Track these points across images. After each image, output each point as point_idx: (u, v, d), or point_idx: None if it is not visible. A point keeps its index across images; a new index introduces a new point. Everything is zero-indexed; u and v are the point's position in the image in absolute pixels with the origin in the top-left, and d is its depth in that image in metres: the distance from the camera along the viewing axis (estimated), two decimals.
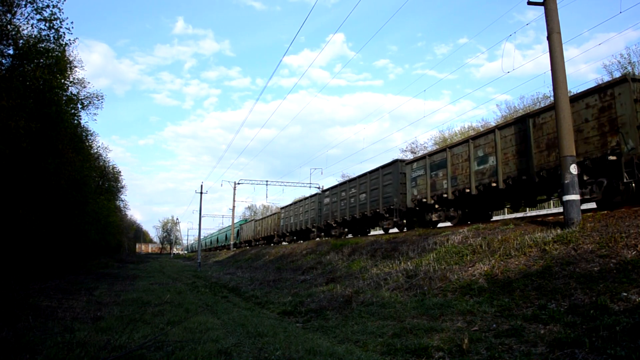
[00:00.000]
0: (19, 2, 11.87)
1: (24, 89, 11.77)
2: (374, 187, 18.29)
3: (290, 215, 29.76)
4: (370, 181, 18.64)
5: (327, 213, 23.13)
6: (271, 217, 35.52)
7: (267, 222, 36.03)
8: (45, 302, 8.75)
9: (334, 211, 22.29)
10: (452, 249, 9.83)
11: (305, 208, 26.86)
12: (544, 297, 6.00)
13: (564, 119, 8.74)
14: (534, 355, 4.36)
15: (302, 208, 27.42)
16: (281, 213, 32.07)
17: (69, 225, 17.60)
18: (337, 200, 22.09)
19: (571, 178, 8.50)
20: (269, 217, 36.40)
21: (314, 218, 25.02)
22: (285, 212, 31.17)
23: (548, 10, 9.22)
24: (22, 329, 5.97)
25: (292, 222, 29.12)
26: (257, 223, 39.82)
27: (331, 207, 22.75)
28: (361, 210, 19.17)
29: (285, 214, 31.10)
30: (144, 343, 5.05)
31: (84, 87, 20.41)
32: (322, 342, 5.77)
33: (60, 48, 13.38)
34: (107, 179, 34.85)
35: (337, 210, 21.94)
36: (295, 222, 28.45)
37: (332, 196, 22.90)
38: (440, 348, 5.00)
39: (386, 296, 8.20)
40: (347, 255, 14.38)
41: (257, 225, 39.50)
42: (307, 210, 26.56)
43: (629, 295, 5.13)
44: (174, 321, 7.01)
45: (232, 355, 4.96)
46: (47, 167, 13.10)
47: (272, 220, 34.73)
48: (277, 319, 8.57)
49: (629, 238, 6.63)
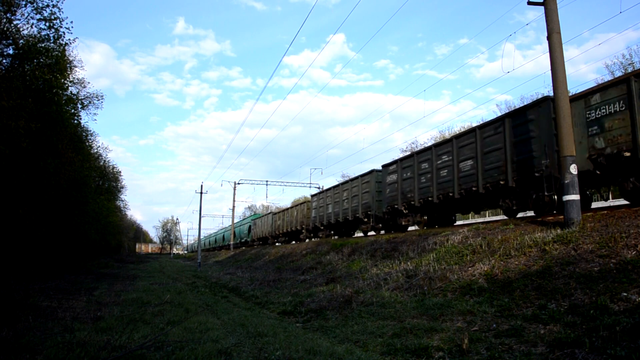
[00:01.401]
0: (19, 2, 11.87)
1: (24, 88, 11.77)
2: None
3: (329, 203, 23.30)
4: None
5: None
6: (297, 207, 29.25)
7: (292, 214, 30.04)
8: (45, 302, 8.75)
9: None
10: (452, 249, 9.83)
11: (355, 191, 20.38)
12: (544, 297, 6.00)
13: (564, 118, 8.74)
14: (534, 355, 4.36)
15: (347, 192, 21.17)
16: (312, 202, 25.95)
17: (68, 225, 17.60)
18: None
19: (571, 178, 8.50)
20: (293, 208, 30.19)
21: (368, 203, 19.20)
22: (319, 200, 24.68)
23: (548, 10, 9.22)
24: (22, 329, 5.96)
25: (331, 211, 22.84)
26: (276, 216, 33.92)
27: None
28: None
29: (319, 202, 24.64)
30: (144, 343, 5.05)
31: (84, 87, 20.41)
32: (322, 342, 5.77)
33: (60, 48, 13.37)
34: (107, 179, 34.87)
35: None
36: (337, 212, 22.13)
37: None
38: (440, 348, 5.00)
39: (386, 296, 8.20)
40: (347, 255, 14.38)
41: (276, 219, 33.75)
42: (355, 195, 20.35)
43: (629, 295, 5.13)
44: (174, 321, 7.01)
45: (232, 355, 4.95)
46: (47, 167, 13.09)
47: (299, 212, 28.59)
48: (277, 319, 8.57)
49: (629, 238, 6.63)
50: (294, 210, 30.04)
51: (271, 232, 34.54)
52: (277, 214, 34.03)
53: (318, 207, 24.85)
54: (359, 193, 19.74)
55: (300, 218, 28.18)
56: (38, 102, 12.56)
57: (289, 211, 30.91)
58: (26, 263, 14.77)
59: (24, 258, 14.61)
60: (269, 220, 35.68)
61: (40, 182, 13.26)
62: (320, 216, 24.21)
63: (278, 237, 33.35)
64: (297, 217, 28.66)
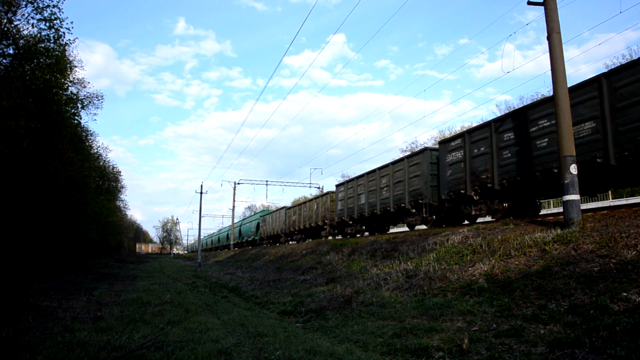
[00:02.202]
0: (19, 2, 11.88)
1: (24, 88, 11.78)
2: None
3: (361, 193, 19.34)
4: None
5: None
6: (318, 200, 25.14)
7: (311, 208, 26.01)
8: (45, 302, 8.75)
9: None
10: (452, 249, 9.82)
11: (399, 176, 16.27)
12: (544, 297, 6.00)
13: (564, 119, 8.74)
14: (534, 355, 4.36)
15: (388, 178, 17.02)
16: (338, 192, 22.07)
17: (68, 225, 17.60)
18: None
19: (571, 178, 8.50)
20: (313, 201, 26.00)
21: (418, 190, 15.10)
22: (348, 190, 20.81)
23: (548, 10, 9.22)
24: (22, 329, 5.96)
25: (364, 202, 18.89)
26: (291, 211, 30.08)
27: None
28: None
29: (348, 192, 20.75)
30: (144, 343, 5.05)
31: (84, 87, 20.47)
32: (322, 342, 5.77)
33: (60, 48, 13.40)
34: (107, 179, 34.90)
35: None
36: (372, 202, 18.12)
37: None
38: (440, 348, 5.00)
39: (386, 296, 8.19)
40: (347, 255, 14.38)
41: (290, 215, 29.89)
42: (399, 181, 16.22)
43: (629, 295, 5.13)
44: (174, 321, 7.01)
45: (232, 355, 4.95)
46: (47, 167, 13.10)
47: (320, 205, 24.60)
48: (277, 319, 8.57)
49: (629, 238, 6.63)
50: (313, 203, 25.75)
51: (284, 229, 30.76)
52: (291, 209, 30.13)
53: (346, 197, 20.80)
54: (404, 178, 15.84)
55: (322, 212, 24.09)
56: (38, 102, 12.57)
57: (308, 204, 26.62)
58: (26, 263, 14.77)
59: (24, 258, 14.61)
60: (281, 215, 31.84)
61: (40, 182, 13.27)
62: (349, 208, 20.22)
63: (293, 234, 29.55)
64: (318, 211, 24.57)
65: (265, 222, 36.82)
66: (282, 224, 31.35)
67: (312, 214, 25.67)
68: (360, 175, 19.82)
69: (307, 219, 26.47)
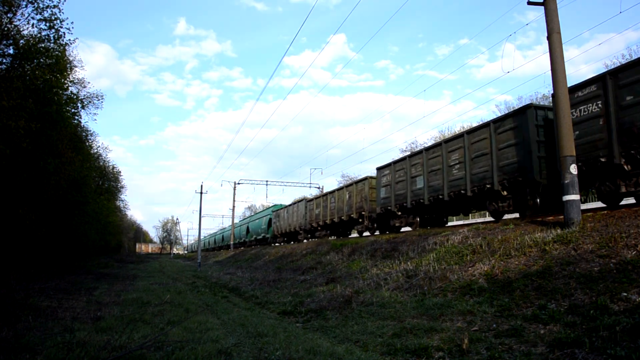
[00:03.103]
0: (19, 2, 11.89)
1: (24, 88, 11.79)
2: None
3: (416, 175, 15.01)
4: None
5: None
6: (352, 187, 20.54)
7: (340, 198, 21.52)
8: (45, 302, 8.74)
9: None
10: (452, 249, 9.83)
11: (481, 148, 12.18)
12: (544, 297, 6.00)
13: (564, 118, 8.74)
14: (534, 355, 4.36)
15: (460, 153, 13.03)
16: (381, 176, 17.36)
17: (68, 225, 17.61)
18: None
19: (571, 178, 8.50)
20: (344, 189, 21.46)
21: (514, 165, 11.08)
22: (396, 172, 16.33)
23: (548, 10, 9.22)
24: (22, 329, 5.97)
25: (422, 186, 14.56)
26: (313, 203, 25.62)
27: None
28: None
29: (396, 175, 16.32)
30: (144, 343, 5.05)
31: (83, 87, 20.46)
32: (322, 342, 5.76)
33: (60, 48, 13.41)
34: (107, 179, 34.92)
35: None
36: (436, 185, 13.97)
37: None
38: (440, 348, 5.00)
39: (386, 296, 8.19)
40: (347, 255, 14.38)
41: (312, 207, 25.52)
42: (482, 153, 12.12)
43: (629, 295, 5.13)
44: (174, 321, 7.01)
45: (232, 355, 4.95)
46: (47, 166, 13.11)
47: (354, 193, 20.07)
48: (277, 319, 8.57)
49: (629, 238, 6.63)
50: (344, 192, 21.41)
51: (304, 225, 26.56)
52: (314, 201, 25.79)
53: (393, 182, 16.46)
54: (489, 150, 11.77)
55: (356, 202, 19.84)
56: (38, 102, 12.57)
57: (337, 194, 22.22)
58: (26, 263, 14.77)
59: (24, 258, 14.61)
60: (300, 209, 27.44)
61: (40, 181, 13.28)
62: (398, 195, 16.12)
63: (315, 230, 25.32)
64: (352, 201, 20.24)
65: (279, 218, 32.28)
66: (301, 219, 26.99)
67: (343, 205, 21.16)
68: (415, 153, 15.74)
69: (335, 211, 22.03)
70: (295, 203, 29.36)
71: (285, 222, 30.66)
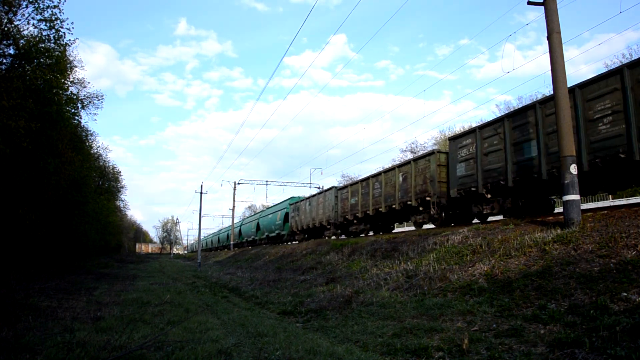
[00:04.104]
0: (19, 2, 11.90)
1: (25, 89, 11.80)
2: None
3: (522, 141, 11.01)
4: None
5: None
6: (408, 166, 15.67)
7: (389, 182, 16.87)
8: (45, 302, 8.74)
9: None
10: (452, 249, 9.83)
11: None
12: (544, 297, 6.00)
13: (564, 118, 8.74)
14: (534, 355, 4.36)
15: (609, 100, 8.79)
16: (457, 150, 13.34)
17: (68, 225, 17.62)
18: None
19: (571, 178, 8.50)
20: (395, 170, 16.60)
21: None
22: (480, 142, 12.33)
23: (548, 10, 9.22)
24: (22, 329, 5.97)
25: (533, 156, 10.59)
26: (345, 192, 21.16)
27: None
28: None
29: (480, 147, 12.35)
30: (144, 343, 5.05)
31: (84, 87, 20.43)
32: (322, 342, 5.76)
33: (60, 48, 13.42)
34: (107, 179, 34.93)
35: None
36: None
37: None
38: (440, 348, 5.00)
39: (386, 296, 8.19)
40: (347, 255, 14.38)
41: (345, 196, 21.11)
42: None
43: (629, 295, 5.13)
44: (174, 321, 7.01)
45: (232, 355, 4.95)
46: (47, 166, 13.12)
47: (412, 174, 15.29)
48: (277, 319, 8.57)
49: (629, 238, 6.63)
50: (395, 173, 16.43)
51: (333, 218, 22.33)
52: (348, 188, 21.11)
53: (479, 153, 12.21)
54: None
55: (416, 184, 15.00)
56: (38, 102, 12.58)
57: (383, 177, 17.36)
58: (26, 263, 14.78)
59: (24, 258, 14.62)
60: (329, 199, 22.98)
61: (41, 181, 13.29)
62: (489, 172, 11.91)
63: (350, 223, 20.88)
64: (408, 184, 15.45)
65: (298, 211, 27.88)
66: (330, 211, 22.82)
67: (394, 190, 16.39)
68: (515, 112, 11.46)
69: (381, 199, 17.32)
70: (322, 192, 24.69)
71: (307, 215, 26.07)
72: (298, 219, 27.75)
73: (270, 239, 34.87)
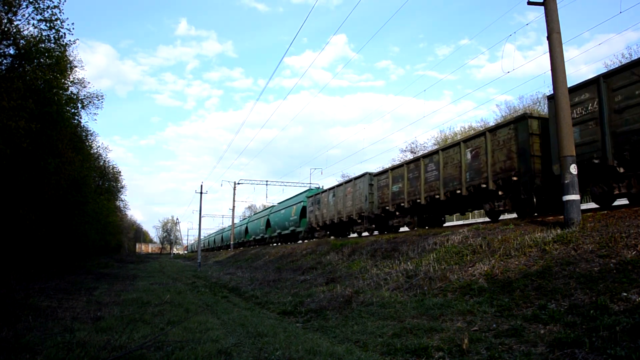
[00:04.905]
0: (20, 2, 11.91)
1: (25, 89, 11.80)
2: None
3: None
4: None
5: None
6: (478, 140, 12.60)
7: (449, 161, 13.66)
8: (45, 302, 8.75)
9: None
10: (452, 249, 9.83)
11: None
12: (544, 297, 6.00)
13: (564, 118, 8.74)
14: (534, 355, 4.36)
15: None
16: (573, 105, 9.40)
17: (68, 225, 17.63)
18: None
19: (571, 178, 8.50)
20: (460, 145, 13.26)
21: None
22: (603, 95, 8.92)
23: (548, 10, 9.22)
24: (22, 329, 5.97)
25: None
26: (387, 177, 17.49)
27: None
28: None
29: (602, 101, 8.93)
30: (144, 343, 5.05)
31: (84, 87, 20.44)
32: (322, 342, 5.77)
33: (60, 48, 13.42)
34: (107, 179, 34.93)
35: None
36: None
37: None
38: (440, 348, 5.00)
39: (386, 296, 8.19)
40: (347, 255, 14.38)
41: (386, 182, 17.43)
42: None
43: (629, 295, 5.13)
44: (174, 321, 7.01)
45: (232, 355, 4.96)
46: (47, 166, 13.12)
47: (480, 150, 12.39)
48: (277, 319, 8.57)
49: (629, 238, 6.63)
50: (458, 150, 13.36)
51: (366, 210, 18.80)
52: (385, 173, 17.76)
53: (612, 108, 8.83)
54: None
55: (494, 161, 11.91)
56: (38, 102, 12.59)
57: (441, 156, 14.13)
58: (26, 263, 14.78)
59: (24, 258, 14.62)
60: (360, 188, 19.54)
61: (41, 182, 13.29)
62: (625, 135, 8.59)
63: (389, 216, 17.49)
64: (479, 162, 12.43)
65: (319, 204, 23.88)
66: (361, 202, 19.23)
67: (458, 171, 13.22)
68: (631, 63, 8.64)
69: (438, 183, 14.14)
70: (350, 181, 20.87)
71: (330, 209, 22.27)
72: (318, 213, 23.79)
73: (282, 237, 30.97)
